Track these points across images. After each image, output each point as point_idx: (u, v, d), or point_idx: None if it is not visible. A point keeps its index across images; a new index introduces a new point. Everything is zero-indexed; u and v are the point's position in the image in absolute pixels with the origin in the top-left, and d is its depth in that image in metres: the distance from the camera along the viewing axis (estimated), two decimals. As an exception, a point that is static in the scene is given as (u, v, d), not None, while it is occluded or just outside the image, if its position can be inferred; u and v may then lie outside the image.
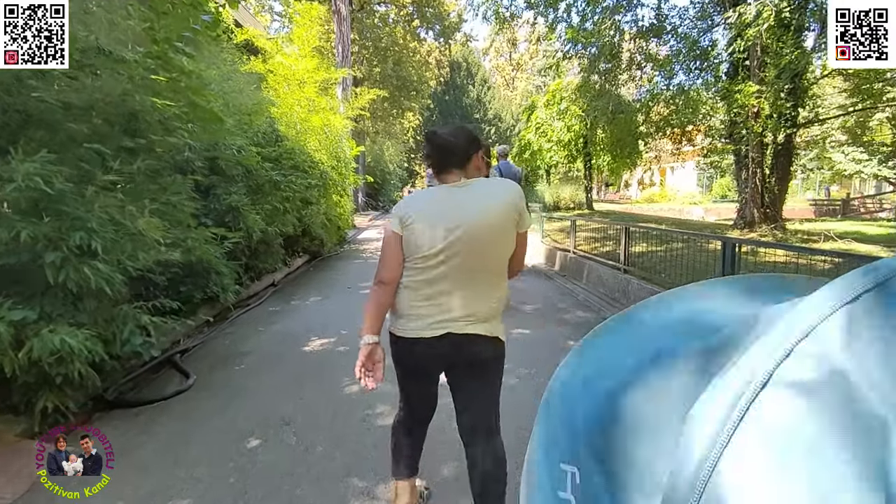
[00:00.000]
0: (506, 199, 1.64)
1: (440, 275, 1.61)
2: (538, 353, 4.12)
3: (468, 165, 1.72)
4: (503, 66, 57.22)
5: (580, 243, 8.45)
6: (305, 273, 8.00)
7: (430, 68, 28.84)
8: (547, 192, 20.05)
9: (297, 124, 8.68)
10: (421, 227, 1.61)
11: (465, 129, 1.78)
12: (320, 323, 4.95)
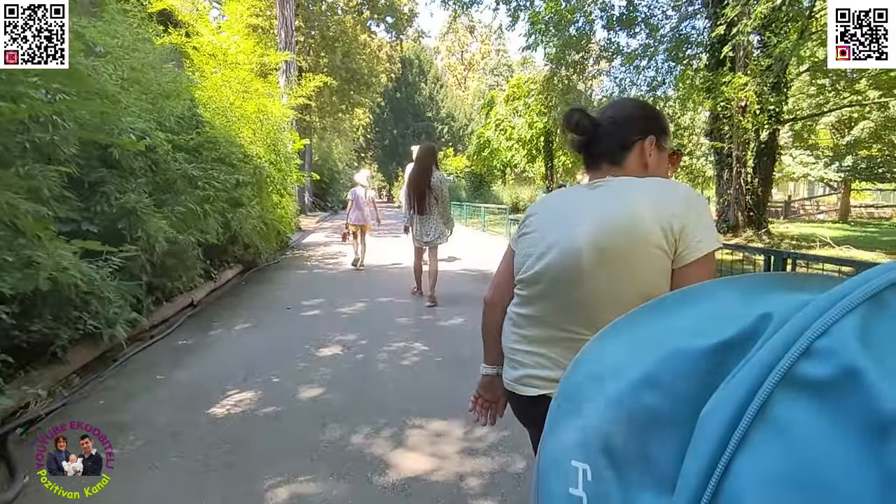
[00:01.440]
0: (642, 207, 1.02)
1: (538, 312, 1.14)
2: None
3: (626, 156, 1.16)
4: (455, 65, 56.60)
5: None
6: (236, 288, 6.65)
7: (381, 62, 27.53)
8: (505, 193, 19.26)
9: (227, 111, 7.32)
10: (529, 240, 1.17)
11: (629, 104, 1.29)
12: (245, 365, 3.71)
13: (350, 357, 3.93)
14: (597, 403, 0.34)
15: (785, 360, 0.26)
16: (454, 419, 2.88)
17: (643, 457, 0.31)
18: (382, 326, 4.76)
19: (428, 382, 3.45)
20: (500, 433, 2.72)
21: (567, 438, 0.36)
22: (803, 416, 0.25)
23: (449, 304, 5.76)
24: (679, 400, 0.30)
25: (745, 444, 0.26)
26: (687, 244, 1.00)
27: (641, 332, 0.37)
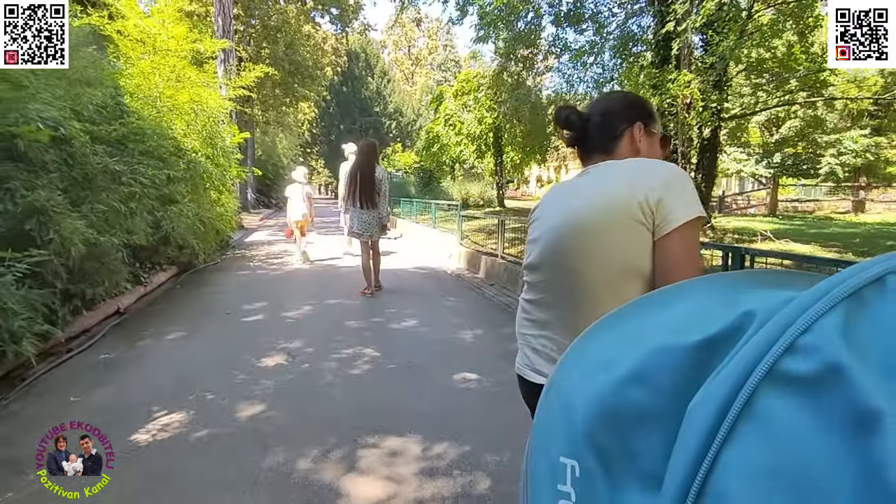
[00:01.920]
0: (618, 186, 1.07)
1: (542, 299, 1.18)
2: (503, 416, 2.91)
3: (618, 145, 1.20)
4: (402, 59, 56.03)
5: (507, 246, 7.42)
6: (170, 293, 6.14)
7: (326, 55, 26.74)
8: (454, 189, 19.14)
9: (156, 101, 6.75)
10: (530, 231, 1.24)
11: (614, 97, 1.41)
12: (176, 380, 3.34)
13: (295, 367, 3.63)
14: (584, 399, 0.34)
15: (769, 356, 0.26)
16: (411, 434, 2.66)
17: (630, 453, 0.31)
18: (331, 331, 4.47)
19: (381, 393, 3.21)
20: (462, 448, 2.53)
21: (556, 434, 0.36)
22: (788, 410, 0.25)
23: (401, 304, 5.53)
24: (665, 396, 0.30)
25: (731, 438, 0.26)
26: (664, 216, 1.02)
27: (628, 327, 0.37)
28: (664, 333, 0.33)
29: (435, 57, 52.21)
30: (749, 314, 0.30)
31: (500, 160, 16.54)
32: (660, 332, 0.33)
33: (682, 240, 1.02)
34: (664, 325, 0.34)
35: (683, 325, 0.32)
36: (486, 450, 2.53)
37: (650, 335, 0.34)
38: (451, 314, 5.25)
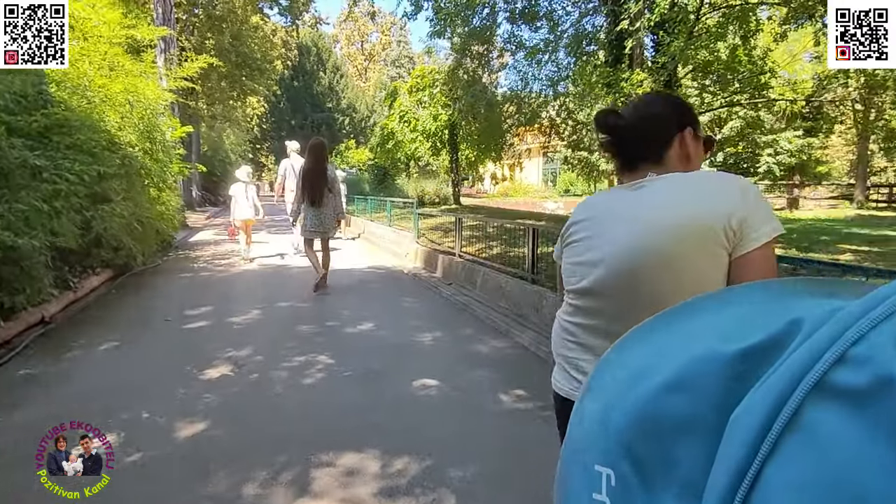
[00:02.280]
0: (701, 203, 0.97)
1: (597, 324, 1.09)
2: (465, 425, 2.77)
3: (667, 153, 1.10)
4: (355, 54, 55.17)
5: (465, 245, 7.32)
6: (103, 298, 5.68)
7: (275, 47, 25.88)
8: (410, 186, 18.93)
9: (86, 90, 6.23)
10: (575, 251, 1.12)
11: (657, 99, 1.23)
12: (107, 397, 3.03)
13: (242, 378, 3.37)
14: (621, 407, 0.34)
15: (818, 367, 0.25)
16: (369, 449, 2.48)
17: (668, 462, 0.30)
18: (281, 337, 4.22)
19: (336, 404, 3.01)
20: (423, 462, 2.38)
21: (591, 442, 0.35)
22: (837, 424, 0.24)
23: (356, 306, 5.31)
24: (706, 405, 0.30)
25: (776, 451, 0.25)
26: (747, 234, 0.96)
27: (669, 334, 0.35)
28: (706, 341, 0.32)
29: (389, 52, 51.64)
30: (796, 323, 0.29)
31: (456, 157, 16.44)
32: (701, 340, 0.32)
33: (765, 258, 0.97)
34: (706, 332, 0.33)
35: (726, 333, 0.31)
36: (450, 463, 2.39)
37: (691, 342, 0.33)
38: (409, 316, 5.08)
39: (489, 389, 3.28)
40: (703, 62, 9.73)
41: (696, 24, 7.75)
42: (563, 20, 9.78)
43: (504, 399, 3.15)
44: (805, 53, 16.50)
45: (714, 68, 9.43)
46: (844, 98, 15.94)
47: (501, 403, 3.09)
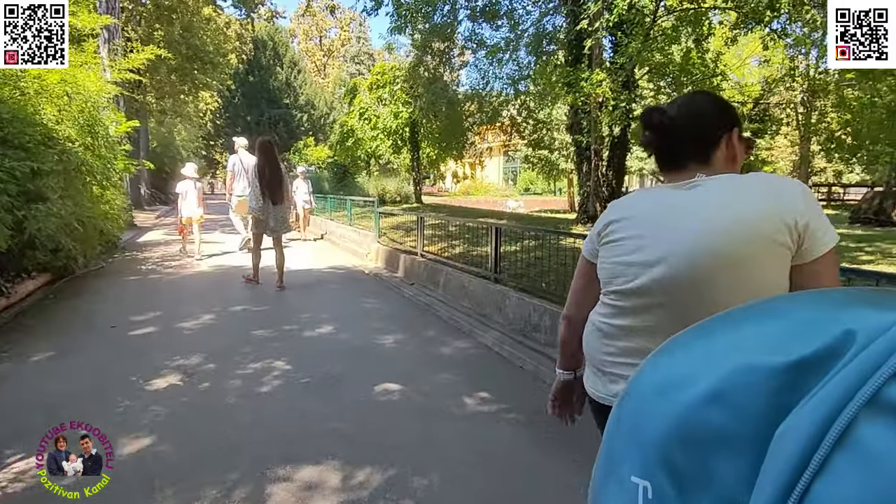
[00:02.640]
0: (761, 207, 0.96)
1: (646, 323, 1.06)
2: (429, 431, 2.68)
3: (715, 154, 1.09)
4: (313, 50, 54.16)
5: (427, 244, 7.23)
6: (40, 304, 5.30)
7: (229, 40, 25.04)
8: (370, 185, 18.68)
9: (18, 79, 5.78)
10: (619, 249, 1.08)
11: (703, 97, 1.18)
12: (42, 413, 2.79)
13: (192, 388, 3.18)
14: (659, 417, 0.33)
15: (872, 382, 0.24)
16: (329, 460, 2.36)
17: (707, 476, 0.30)
18: (235, 343, 4.02)
19: (294, 414, 2.87)
20: (386, 472, 2.28)
21: (627, 453, 0.35)
22: (892, 441, 0.23)
23: (315, 308, 5.14)
24: (747, 418, 0.29)
25: (825, 467, 0.24)
26: (813, 240, 0.95)
27: (710, 344, 0.34)
28: (750, 352, 0.31)
29: (348, 49, 50.89)
30: (849, 334, 0.27)
31: (417, 155, 16.30)
32: (745, 351, 0.31)
33: (830, 265, 0.98)
34: (750, 343, 0.32)
35: (773, 344, 0.30)
36: (414, 472, 2.30)
37: (734, 353, 0.32)
38: (371, 317, 4.95)
39: (453, 393, 3.20)
40: (659, 64, 9.96)
41: (652, 27, 7.91)
42: (524, 19, 9.82)
43: (468, 402, 3.08)
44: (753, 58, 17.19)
45: (669, 70, 9.66)
46: (790, 101, 16.70)
47: (465, 407, 3.02)
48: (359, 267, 8.06)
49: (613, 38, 8.10)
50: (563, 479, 2.29)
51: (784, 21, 7.21)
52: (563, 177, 23.26)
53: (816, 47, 11.10)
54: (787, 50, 12.22)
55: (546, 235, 5.77)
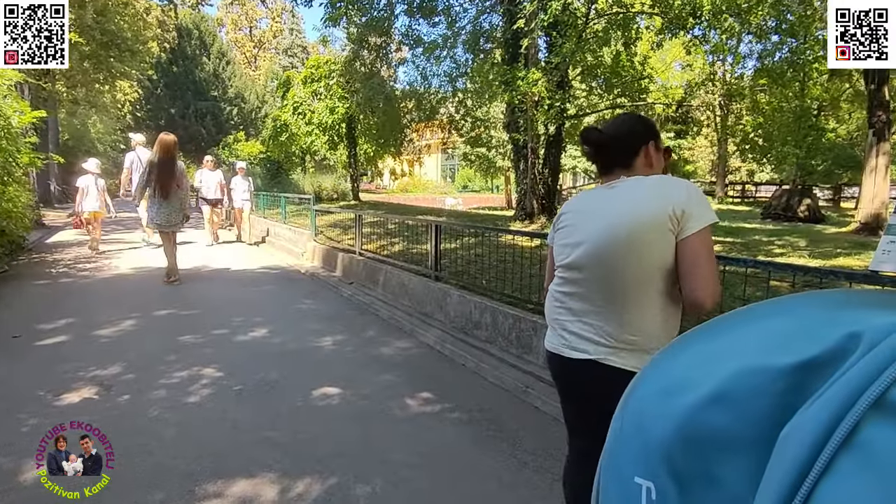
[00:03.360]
0: (654, 199, 1.30)
1: (578, 290, 1.41)
2: (371, 434, 2.61)
3: (634, 162, 1.45)
4: (243, 40, 51.99)
5: (366, 242, 7.09)
6: (-72, 313, 4.72)
7: (149, 27, 23.49)
8: (306, 181, 18.17)
9: None
10: (562, 235, 1.47)
11: (629, 118, 1.55)
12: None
13: (109, 401, 2.92)
14: (663, 419, 0.33)
15: (878, 384, 0.24)
16: (264, 473, 2.24)
17: (711, 477, 0.30)
18: (159, 350, 3.75)
19: (224, 424, 2.70)
20: (327, 481, 2.19)
21: (630, 454, 0.35)
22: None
23: (248, 311, 4.90)
24: (751, 420, 0.29)
25: (830, 470, 0.24)
26: (687, 222, 1.26)
27: (713, 345, 0.34)
28: (753, 353, 0.31)
29: (280, 41, 49.22)
30: (854, 336, 0.27)
31: (354, 152, 15.98)
32: (748, 352, 0.31)
33: (701, 240, 1.27)
34: (753, 344, 0.32)
35: (777, 345, 0.30)
36: (356, 479, 2.22)
37: (738, 354, 0.32)
38: (308, 319, 4.78)
39: (394, 394, 3.14)
40: (590, 65, 10.30)
41: (584, 29, 8.15)
42: (461, 16, 9.84)
43: (410, 403, 3.02)
44: (676, 62, 18.17)
45: (601, 72, 10.00)
46: (709, 104, 17.79)
47: (408, 408, 2.97)
48: (294, 266, 7.79)
49: (548, 38, 8.27)
50: (506, 478, 2.29)
51: (705, 28, 7.62)
52: (500, 174, 23.66)
53: (732, 54, 11.87)
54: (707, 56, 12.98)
55: (486, 233, 5.80)
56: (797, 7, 7.98)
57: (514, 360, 3.64)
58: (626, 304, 1.32)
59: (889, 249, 2.74)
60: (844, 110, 18.19)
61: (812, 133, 13.09)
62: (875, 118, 8.94)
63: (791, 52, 8.74)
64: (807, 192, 14.96)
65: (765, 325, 0.33)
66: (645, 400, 0.36)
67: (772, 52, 9.18)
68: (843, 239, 8.21)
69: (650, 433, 0.33)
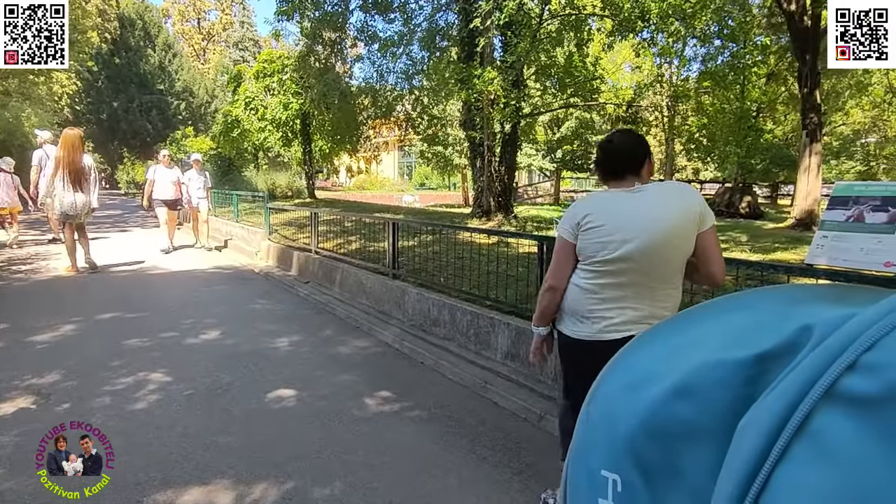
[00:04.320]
0: (684, 203, 1.64)
1: (623, 280, 1.67)
2: (329, 436, 2.57)
3: (642, 170, 1.75)
4: (191, 32, 50.12)
5: (322, 240, 6.98)
6: None
7: (88, 16, 22.30)
8: (259, 179, 17.71)
9: None
10: (598, 233, 1.67)
11: (633, 134, 1.84)
12: None
13: (48, 411, 2.76)
14: (628, 412, 0.33)
15: (829, 374, 0.25)
16: (218, 479, 2.17)
17: (675, 469, 0.30)
18: (102, 355, 3.57)
19: (174, 431, 2.60)
20: (284, 485, 2.14)
21: (597, 447, 0.35)
22: (848, 431, 0.24)
23: (199, 313, 4.74)
24: (713, 411, 0.30)
25: (785, 458, 0.25)
26: (705, 220, 1.64)
27: (676, 340, 0.35)
28: (714, 347, 0.32)
29: (231, 34, 47.66)
30: (807, 329, 0.28)
31: (309, 149, 15.65)
32: (709, 346, 0.32)
33: (713, 234, 1.67)
34: (714, 338, 0.33)
35: (735, 339, 0.31)
36: (314, 482, 2.18)
37: (699, 348, 0.32)
38: (262, 319, 4.66)
39: (353, 394, 3.10)
40: (545, 65, 10.47)
41: (539, 29, 8.27)
42: (417, 14, 9.80)
43: (369, 403, 3.00)
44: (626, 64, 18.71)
45: (554, 72, 10.18)
46: (657, 105, 18.42)
47: (367, 408, 2.94)
48: (248, 266, 7.59)
49: (503, 37, 8.36)
50: (466, 475, 2.30)
51: (652, 31, 7.89)
52: (457, 172, 23.74)
53: (678, 57, 12.32)
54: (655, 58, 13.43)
55: (443, 230, 5.81)
56: (738, 13, 8.36)
57: (472, 357, 3.67)
58: (665, 286, 1.67)
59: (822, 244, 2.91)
60: (781, 112, 19.23)
61: (751, 134, 13.76)
62: (808, 120, 9.48)
63: (732, 56, 9.16)
64: (747, 189, 15.75)
65: (726, 319, 0.34)
66: (611, 393, 0.36)
67: (714, 55, 9.59)
68: (781, 234, 8.69)
69: (616, 426, 0.34)
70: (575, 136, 22.73)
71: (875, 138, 22.17)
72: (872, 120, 21.21)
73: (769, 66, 13.79)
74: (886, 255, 1.89)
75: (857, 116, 21.15)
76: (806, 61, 9.08)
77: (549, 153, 24.56)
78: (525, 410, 2.92)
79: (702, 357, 0.31)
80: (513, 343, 3.50)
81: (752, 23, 8.25)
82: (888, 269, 2.29)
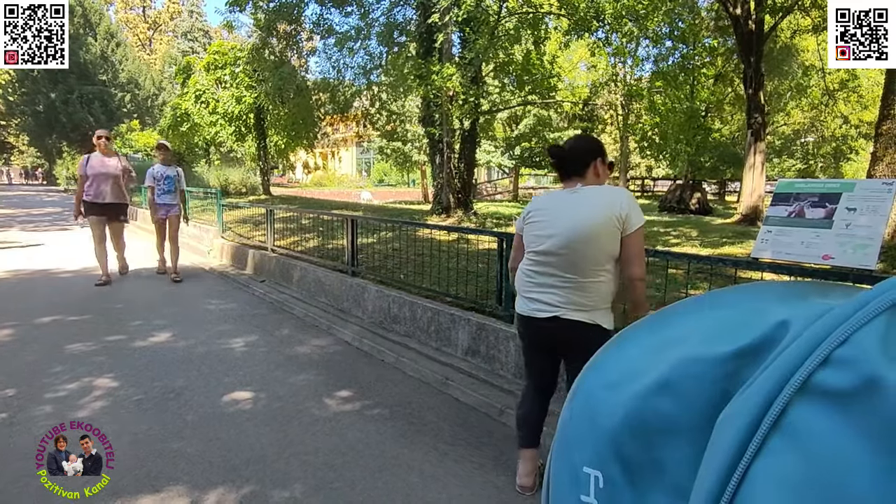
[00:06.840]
0: (604, 207, 1.83)
1: (548, 270, 1.92)
2: (287, 438, 2.51)
3: (586, 172, 1.95)
4: (135, 21, 47.94)
5: (278, 238, 6.81)
6: None
7: None
8: (211, 175, 17.16)
9: None
10: (535, 227, 1.95)
11: (583, 139, 2.04)
12: None
13: (-18, 422, 2.59)
14: (610, 409, 0.34)
15: (804, 369, 0.26)
16: (171, 486, 2.08)
17: (656, 464, 0.31)
18: (43, 361, 3.37)
19: (123, 438, 2.48)
20: (241, 489, 2.09)
21: (580, 443, 0.35)
22: (822, 424, 0.25)
23: (149, 314, 4.54)
24: (693, 407, 0.30)
25: (762, 451, 0.26)
26: (629, 223, 1.81)
27: (656, 337, 0.35)
28: (693, 343, 0.32)
29: (179, 23, 45.79)
30: (783, 325, 0.29)
31: (264, 144, 15.23)
32: (689, 343, 0.32)
33: (637, 237, 1.83)
34: (693, 335, 0.33)
35: (714, 336, 0.31)
36: (273, 485, 2.13)
37: (678, 345, 0.33)
38: (216, 320, 4.51)
39: (312, 394, 3.05)
40: (503, 62, 10.55)
41: (497, 26, 8.33)
42: (374, 8, 9.67)
43: (329, 403, 2.95)
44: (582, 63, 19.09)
45: (513, 69, 10.27)
46: (612, 103, 18.88)
47: (327, 408, 2.89)
48: (200, 265, 7.33)
49: (462, 34, 8.37)
50: (428, 470, 2.30)
51: (607, 31, 8.07)
52: (416, 168, 23.67)
53: (632, 57, 12.67)
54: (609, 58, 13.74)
55: (403, 227, 5.78)
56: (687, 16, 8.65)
57: (433, 353, 3.67)
58: (584, 278, 1.84)
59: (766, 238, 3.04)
60: (727, 112, 20.07)
61: (700, 132, 14.29)
62: (752, 120, 9.94)
63: (682, 57, 9.48)
64: (697, 186, 16.36)
65: (706, 315, 0.35)
66: (593, 392, 0.36)
67: (666, 56, 9.90)
68: (728, 229, 9.08)
69: (598, 422, 0.34)
70: (533, 133, 23.01)
71: (813, 138, 23.51)
72: (811, 121, 22.46)
73: (717, 67, 14.36)
74: (824, 249, 1.99)
75: (798, 117, 22.34)
76: (750, 63, 9.51)
77: (507, 150, 24.79)
78: (486, 405, 2.94)
79: (681, 353, 0.32)
80: (473, 339, 3.51)
81: (700, 25, 8.56)
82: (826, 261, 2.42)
